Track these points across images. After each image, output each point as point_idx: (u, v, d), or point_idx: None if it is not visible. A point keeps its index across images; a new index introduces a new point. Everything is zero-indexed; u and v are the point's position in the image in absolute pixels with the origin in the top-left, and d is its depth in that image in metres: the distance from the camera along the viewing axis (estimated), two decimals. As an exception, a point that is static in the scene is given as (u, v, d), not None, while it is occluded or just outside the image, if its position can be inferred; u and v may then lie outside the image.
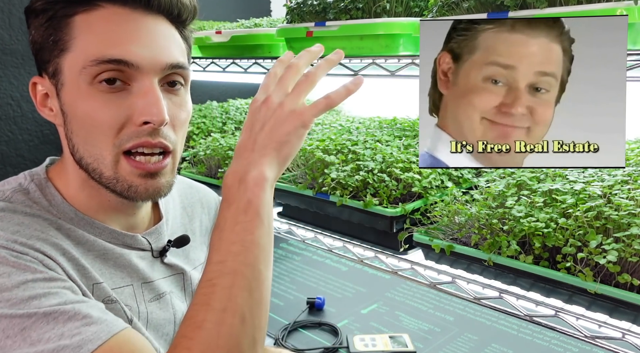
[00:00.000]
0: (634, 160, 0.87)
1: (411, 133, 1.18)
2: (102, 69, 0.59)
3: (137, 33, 0.61)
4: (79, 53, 0.60)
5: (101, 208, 0.67)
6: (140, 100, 0.61)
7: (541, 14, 0.71)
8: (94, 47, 0.59)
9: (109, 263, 0.66)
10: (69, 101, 0.61)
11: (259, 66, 1.22)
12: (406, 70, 0.91)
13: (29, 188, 0.65)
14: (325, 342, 1.18)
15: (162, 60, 0.62)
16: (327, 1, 1.01)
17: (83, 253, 0.63)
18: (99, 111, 0.60)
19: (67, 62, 0.61)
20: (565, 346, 1.11)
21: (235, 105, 1.83)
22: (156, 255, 0.73)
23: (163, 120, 0.61)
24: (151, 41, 0.62)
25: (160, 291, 0.72)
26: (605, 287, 0.67)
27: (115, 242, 0.68)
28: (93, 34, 0.60)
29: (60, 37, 0.60)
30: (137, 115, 0.60)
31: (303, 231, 1.12)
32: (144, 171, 0.63)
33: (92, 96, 0.60)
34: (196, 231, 0.83)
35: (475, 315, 1.27)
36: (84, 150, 0.62)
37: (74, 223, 0.65)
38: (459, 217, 0.87)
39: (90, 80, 0.60)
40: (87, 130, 0.61)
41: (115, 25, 0.61)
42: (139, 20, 0.62)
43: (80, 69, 0.59)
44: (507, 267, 0.77)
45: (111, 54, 0.59)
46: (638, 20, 0.66)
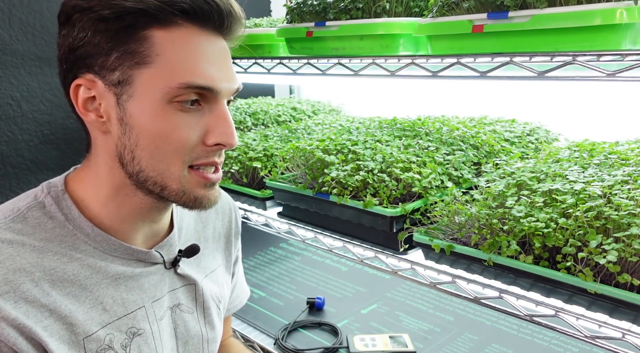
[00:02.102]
0: (633, 160, 0.87)
1: (411, 133, 1.18)
2: (188, 92, 0.60)
3: (218, 58, 0.63)
4: (163, 72, 0.60)
5: (129, 217, 0.67)
6: (215, 123, 0.63)
7: (541, 14, 0.71)
8: (182, 70, 0.60)
9: (121, 289, 0.67)
10: (138, 115, 0.61)
11: (259, 66, 1.22)
12: (406, 70, 0.91)
13: (44, 202, 0.65)
14: (325, 342, 1.18)
15: (234, 86, 0.65)
16: (327, 1, 1.01)
17: (96, 283, 0.64)
18: (176, 130, 0.61)
19: (144, 76, 0.60)
20: (565, 346, 1.11)
21: (235, 105, 1.83)
22: (168, 267, 0.74)
23: (235, 143, 0.65)
24: (227, 67, 0.65)
25: (166, 306, 0.73)
26: (605, 287, 0.67)
27: (130, 259, 0.68)
28: (178, 55, 0.60)
29: (135, 49, 0.60)
30: (212, 138, 0.63)
31: (303, 231, 1.12)
32: (208, 182, 0.65)
33: (169, 114, 0.61)
34: (209, 238, 0.84)
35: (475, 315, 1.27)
36: (148, 164, 0.62)
37: (90, 240, 0.65)
38: (459, 217, 0.87)
39: (169, 100, 0.60)
40: (157, 146, 0.61)
41: (199, 48, 0.62)
42: (215, 42, 0.64)
43: (163, 88, 0.60)
44: (507, 267, 0.77)
45: (200, 81, 0.61)
46: (638, 20, 0.66)
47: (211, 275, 0.83)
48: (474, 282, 0.83)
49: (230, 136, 0.64)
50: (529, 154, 1.12)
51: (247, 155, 1.27)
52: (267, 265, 1.61)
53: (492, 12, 0.76)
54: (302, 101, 1.94)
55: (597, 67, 0.68)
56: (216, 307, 0.82)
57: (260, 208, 1.23)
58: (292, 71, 1.13)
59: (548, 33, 0.72)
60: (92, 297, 0.64)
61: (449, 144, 1.12)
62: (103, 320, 0.64)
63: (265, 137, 1.42)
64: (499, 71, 0.78)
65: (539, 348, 1.12)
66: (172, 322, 0.74)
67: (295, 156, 1.14)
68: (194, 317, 0.77)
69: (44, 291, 0.60)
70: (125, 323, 0.66)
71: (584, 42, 0.69)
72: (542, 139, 1.24)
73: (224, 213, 0.89)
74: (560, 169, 0.88)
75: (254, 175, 1.26)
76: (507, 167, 0.96)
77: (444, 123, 1.24)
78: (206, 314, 0.80)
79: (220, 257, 0.87)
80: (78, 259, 0.63)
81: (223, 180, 1.27)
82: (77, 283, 0.63)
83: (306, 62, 1.09)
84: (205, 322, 0.80)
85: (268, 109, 1.79)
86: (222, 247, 0.88)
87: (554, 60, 0.72)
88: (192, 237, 0.80)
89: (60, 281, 0.61)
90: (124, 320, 0.66)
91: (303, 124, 1.55)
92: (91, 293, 0.64)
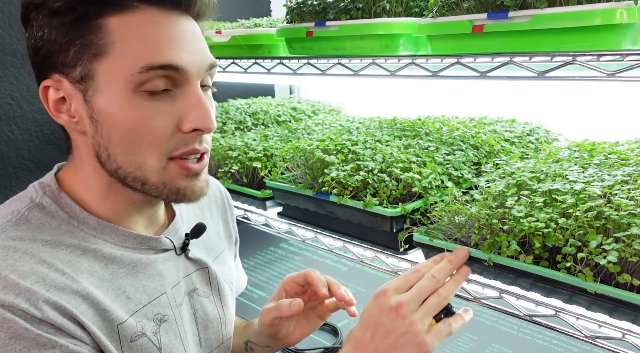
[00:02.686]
0: (633, 160, 0.87)
1: (411, 133, 1.18)
2: (151, 75, 0.57)
3: (180, 36, 0.60)
4: (121, 59, 0.57)
5: (126, 212, 0.66)
6: (189, 107, 0.60)
7: (541, 14, 0.71)
8: (140, 53, 0.57)
9: (140, 277, 0.66)
10: (106, 109, 0.58)
11: (259, 66, 1.23)
12: (406, 70, 0.91)
13: (43, 203, 0.63)
14: (325, 342, 1.18)
15: (204, 62, 0.62)
16: (327, 1, 1.01)
17: (113, 273, 0.63)
18: (147, 120, 0.58)
19: (103, 67, 0.57)
20: (565, 346, 1.11)
21: (235, 105, 1.83)
22: (179, 253, 0.73)
23: (213, 127, 0.61)
24: (192, 44, 0.61)
25: (183, 292, 0.73)
26: (605, 287, 0.67)
27: (141, 247, 0.67)
28: (135, 39, 0.57)
29: (91, 41, 0.57)
30: (188, 124, 0.60)
31: (303, 231, 1.12)
32: (191, 172, 0.63)
33: (138, 104, 0.58)
34: (209, 222, 0.83)
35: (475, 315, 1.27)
36: (125, 159, 0.60)
37: (98, 233, 0.64)
38: (459, 217, 0.87)
39: (135, 88, 0.58)
40: (131, 139, 0.59)
41: (157, 28, 0.58)
42: (176, 21, 0.60)
43: (125, 76, 0.57)
44: (507, 267, 0.77)
45: (161, 59, 0.57)
46: (638, 20, 0.66)
47: (220, 257, 0.83)
48: (474, 282, 0.83)
49: (207, 120, 0.60)
50: (529, 154, 1.12)
51: (247, 155, 1.27)
52: (267, 265, 1.61)
53: (492, 12, 0.76)
54: (302, 101, 1.94)
55: (597, 67, 0.68)
56: (229, 289, 0.83)
57: (260, 208, 1.23)
58: (292, 71, 1.13)
59: (548, 33, 0.72)
60: (113, 287, 0.62)
61: (449, 144, 1.12)
62: (130, 308, 0.63)
63: (265, 137, 1.42)
64: (499, 71, 0.78)
65: (539, 348, 1.12)
66: (190, 307, 0.74)
67: (295, 156, 1.14)
68: (210, 300, 0.77)
69: (72, 278, 0.58)
70: (151, 310, 0.65)
71: (584, 42, 0.69)
72: (542, 139, 1.24)
73: (216, 197, 0.88)
74: (560, 169, 0.88)
75: (254, 175, 1.26)
76: (507, 167, 0.96)
77: (444, 123, 1.24)
78: (222, 296, 0.80)
79: (224, 240, 0.87)
80: (92, 251, 0.62)
81: (223, 180, 1.27)
82: (96, 275, 0.61)
83: (306, 62, 1.09)
84: (222, 305, 0.80)
85: (268, 109, 1.79)
86: (222, 230, 0.88)
87: (554, 60, 0.72)
88: (192, 221, 0.80)
89: (80, 272, 0.60)
90: (149, 307, 0.65)
91: (303, 124, 1.55)
92: (112, 284, 0.62)
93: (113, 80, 0.57)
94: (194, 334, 0.74)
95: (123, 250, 0.65)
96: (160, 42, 0.58)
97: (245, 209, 1.25)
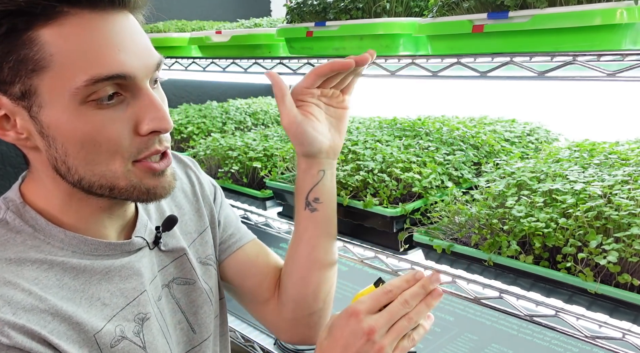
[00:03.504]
0: (634, 160, 0.87)
1: (411, 133, 1.18)
2: (98, 87, 0.55)
3: (122, 38, 0.56)
4: (63, 73, 0.54)
5: (94, 218, 0.64)
6: (142, 110, 0.58)
7: (541, 14, 0.71)
8: (84, 65, 0.54)
9: (115, 280, 0.65)
10: (56, 123, 0.56)
11: (259, 66, 1.22)
12: (406, 70, 0.91)
13: (6, 219, 0.61)
14: (325, 342, 1.18)
15: (151, 62, 0.59)
16: (327, 1, 1.01)
17: (85, 282, 0.62)
18: (101, 130, 0.56)
19: (45, 82, 0.54)
20: (565, 346, 1.11)
21: (235, 105, 1.83)
22: (152, 247, 0.72)
23: (170, 126, 0.60)
24: (135, 44, 0.58)
25: (160, 285, 0.72)
26: (605, 287, 0.67)
27: (114, 253, 0.66)
28: (75, 49, 0.54)
29: (26, 56, 0.53)
30: (144, 126, 0.58)
31: (303, 231, 1.11)
32: (156, 171, 0.62)
33: (89, 115, 0.56)
34: (183, 203, 0.82)
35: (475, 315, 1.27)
36: (86, 170, 0.59)
37: (65, 245, 0.62)
38: (459, 217, 0.87)
39: (82, 100, 0.55)
40: (89, 150, 0.57)
41: (96, 34, 0.55)
42: (114, 21, 0.56)
43: (70, 90, 0.54)
44: (507, 267, 0.77)
45: (107, 71, 0.54)
46: (638, 20, 0.66)
47: (200, 237, 0.81)
48: (474, 282, 0.83)
49: (162, 120, 0.59)
50: (529, 154, 1.12)
51: (247, 155, 1.27)
52: (267, 265, 1.61)
53: (492, 12, 0.76)
54: (302, 101, 1.93)
55: (597, 67, 0.68)
56: (214, 268, 0.82)
57: (260, 208, 1.23)
58: (292, 71, 1.13)
59: (548, 33, 0.72)
60: (86, 296, 0.61)
61: (449, 144, 1.12)
62: (106, 314, 0.62)
63: (265, 137, 1.42)
64: (499, 71, 0.78)
65: (539, 348, 1.12)
66: (172, 297, 0.73)
67: (295, 156, 1.14)
68: (196, 286, 0.76)
69: (38, 297, 0.57)
70: (131, 311, 0.65)
71: (584, 42, 0.69)
72: (542, 139, 1.24)
73: (183, 175, 0.85)
74: (560, 169, 0.88)
75: (254, 175, 1.26)
76: (507, 167, 0.96)
77: (444, 123, 1.24)
78: (206, 278, 0.79)
79: (206, 215, 0.84)
80: (59, 264, 0.60)
81: (223, 180, 1.27)
82: (66, 287, 0.60)
83: (306, 62, 1.09)
84: (209, 287, 0.79)
85: (268, 109, 1.79)
86: (201, 205, 0.84)
87: (554, 60, 0.72)
88: (165, 210, 0.77)
89: (48, 288, 0.58)
90: (128, 309, 0.65)
91: (303, 124, 1.55)
92: (84, 293, 0.61)
93: (58, 94, 0.55)
94: (179, 322, 0.74)
95: (94, 258, 0.64)
96: (103, 50, 0.55)
97: (245, 209, 1.25)
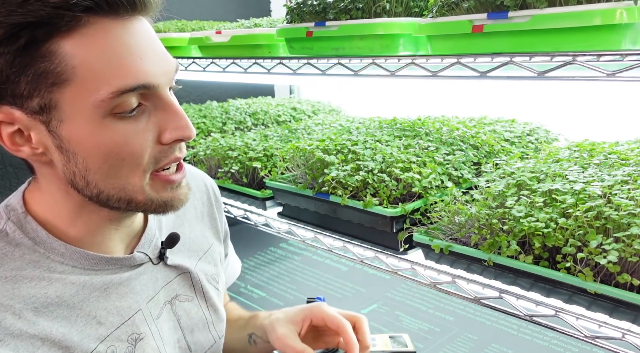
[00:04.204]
0: (633, 160, 0.87)
1: (411, 133, 1.18)
2: (123, 99, 0.53)
3: (143, 45, 0.55)
4: (87, 85, 0.52)
5: (100, 230, 0.63)
6: (166, 119, 0.57)
7: (541, 14, 0.71)
8: (109, 77, 0.52)
9: (112, 297, 0.63)
10: (77, 139, 0.54)
11: (259, 66, 1.22)
12: (406, 70, 0.91)
13: (6, 230, 0.59)
14: (325, 342, 1.18)
15: (170, 69, 0.58)
16: (327, 1, 1.01)
17: (84, 299, 0.60)
18: (126, 142, 0.55)
19: (66, 95, 0.52)
20: (565, 346, 1.12)
21: (235, 105, 1.83)
22: (156, 262, 0.71)
23: (194, 134, 0.59)
24: (155, 51, 0.57)
25: (163, 302, 0.71)
26: (605, 287, 0.67)
27: (113, 267, 0.64)
28: (99, 60, 0.52)
29: (46, 69, 0.51)
30: (168, 135, 0.57)
31: (303, 231, 1.12)
32: (174, 183, 0.61)
33: (112, 127, 0.54)
34: (192, 220, 0.81)
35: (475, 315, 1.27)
36: (106, 183, 0.57)
37: (66, 259, 0.60)
38: (459, 217, 0.87)
39: (106, 113, 0.54)
40: (111, 165, 0.56)
41: (119, 44, 0.53)
42: (133, 28, 0.55)
43: (94, 102, 0.53)
44: (507, 267, 0.77)
45: (133, 81, 0.53)
46: (638, 20, 0.66)
47: (206, 256, 0.81)
48: (474, 282, 0.83)
49: (186, 128, 0.58)
50: (529, 154, 1.12)
51: (247, 155, 1.27)
52: (267, 265, 1.61)
53: (492, 12, 0.76)
54: (302, 101, 1.94)
55: (597, 67, 0.68)
56: (214, 288, 0.81)
57: (260, 208, 1.23)
58: (292, 71, 1.13)
59: (548, 33, 0.72)
60: (83, 314, 0.60)
61: (449, 144, 1.12)
62: (100, 334, 0.61)
63: (265, 137, 1.42)
64: (499, 71, 0.78)
65: (539, 348, 1.12)
66: (173, 315, 0.72)
67: (295, 156, 1.14)
68: (194, 304, 0.76)
69: (29, 321, 0.55)
70: (125, 331, 0.64)
71: (584, 42, 0.69)
72: (542, 139, 1.24)
73: (201, 192, 0.85)
74: (560, 169, 0.88)
75: (254, 175, 1.26)
76: (507, 167, 0.96)
77: (444, 123, 1.24)
78: (207, 298, 0.78)
79: (211, 235, 0.84)
80: (58, 279, 0.59)
81: (223, 180, 1.27)
82: (64, 304, 0.58)
83: (306, 62, 1.09)
84: (207, 306, 0.78)
85: (268, 109, 1.79)
86: (208, 225, 0.85)
87: (554, 60, 0.72)
88: (173, 224, 0.77)
89: (44, 306, 0.57)
90: (122, 328, 0.63)
91: (303, 124, 1.55)
92: (81, 310, 0.60)
93: (80, 107, 0.53)
94: (179, 340, 0.73)
95: (93, 273, 0.62)
96: (127, 60, 0.53)
97: (245, 209, 1.25)
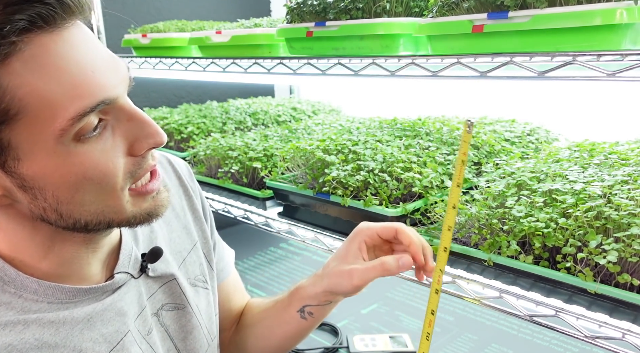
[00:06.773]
0: (633, 160, 0.87)
1: (411, 133, 1.18)
2: (84, 122, 0.48)
3: (89, 56, 0.49)
4: (42, 116, 0.46)
5: (75, 257, 0.58)
6: (132, 129, 0.53)
7: (541, 14, 0.71)
8: (65, 101, 0.46)
9: (97, 326, 0.59)
10: (41, 174, 0.49)
11: (259, 66, 1.22)
12: (406, 70, 0.91)
13: None
14: (325, 342, 1.18)
15: (125, 74, 0.53)
16: (327, 1, 1.01)
17: (67, 335, 0.56)
18: (97, 166, 0.50)
19: (18, 132, 0.46)
20: (565, 346, 1.12)
21: (235, 105, 1.83)
22: (137, 276, 0.66)
23: (165, 138, 0.55)
24: (101, 58, 0.50)
25: (150, 315, 0.68)
26: (605, 287, 0.67)
27: (94, 295, 0.60)
28: (47, 83, 0.45)
29: None
30: (140, 145, 0.53)
31: (303, 231, 1.12)
32: (152, 192, 0.57)
33: (79, 153, 0.49)
34: (172, 219, 0.77)
35: (475, 315, 1.27)
36: (82, 212, 0.52)
37: (40, 296, 0.55)
38: (458, 217, 0.87)
39: (68, 140, 0.48)
40: (85, 191, 0.51)
41: (63, 61, 0.47)
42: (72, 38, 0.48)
43: (53, 132, 0.47)
44: (507, 267, 0.77)
45: (93, 100, 0.48)
46: (638, 20, 0.66)
47: (190, 255, 0.77)
48: (474, 282, 0.83)
49: (157, 134, 0.53)
50: (529, 154, 1.12)
51: (247, 155, 1.27)
52: (267, 265, 1.61)
53: (492, 12, 0.76)
54: (302, 101, 1.94)
55: (597, 67, 0.68)
56: (203, 288, 0.77)
57: (260, 208, 1.23)
58: (292, 71, 1.13)
59: (548, 33, 0.72)
60: (67, 350, 0.55)
61: (449, 144, 1.12)
62: None
63: (265, 137, 1.42)
64: (499, 71, 0.78)
65: (539, 348, 1.12)
66: (160, 326, 0.69)
67: (295, 156, 1.14)
68: (185, 311, 0.72)
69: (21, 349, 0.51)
70: None
71: (584, 42, 0.69)
72: (542, 139, 1.24)
73: (175, 186, 0.79)
74: (560, 169, 0.88)
75: (254, 175, 1.26)
76: (507, 167, 0.96)
77: (444, 123, 1.24)
78: (196, 300, 0.75)
79: (196, 231, 0.79)
80: (35, 321, 0.54)
81: (223, 180, 1.27)
82: (45, 346, 0.53)
83: (306, 62, 1.09)
84: (198, 310, 0.75)
85: (268, 109, 1.80)
86: (191, 220, 0.79)
87: (554, 60, 0.72)
88: (153, 230, 0.72)
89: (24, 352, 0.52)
90: None
91: (303, 124, 1.55)
92: (65, 348, 0.55)
93: (38, 141, 0.47)
94: (169, 350, 0.70)
95: (73, 306, 0.57)
96: (79, 78, 0.47)
97: (245, 209, 1.25)
